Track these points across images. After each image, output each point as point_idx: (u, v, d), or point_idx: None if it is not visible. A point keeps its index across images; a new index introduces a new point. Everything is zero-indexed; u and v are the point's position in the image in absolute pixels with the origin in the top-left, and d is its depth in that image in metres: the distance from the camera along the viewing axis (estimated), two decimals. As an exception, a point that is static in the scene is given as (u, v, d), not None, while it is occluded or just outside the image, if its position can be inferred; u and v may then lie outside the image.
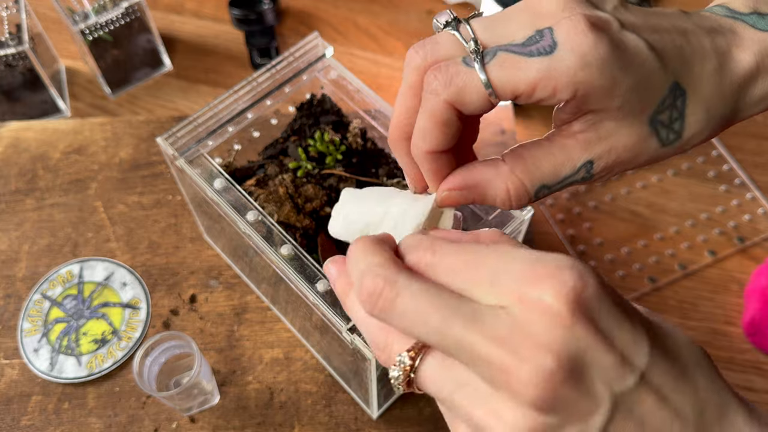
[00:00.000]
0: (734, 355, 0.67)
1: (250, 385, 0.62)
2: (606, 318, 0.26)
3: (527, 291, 0.26)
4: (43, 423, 0.61)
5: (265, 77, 0.58)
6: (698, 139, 0.35)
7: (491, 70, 0.31)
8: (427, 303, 0.27)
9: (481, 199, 0.34)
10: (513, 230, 0.50)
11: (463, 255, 0.28)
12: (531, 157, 0.34)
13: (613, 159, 0.33)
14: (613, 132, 0.33)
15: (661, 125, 0.33)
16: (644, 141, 0.33)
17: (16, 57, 0.75)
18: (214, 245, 0.69)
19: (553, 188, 0.34)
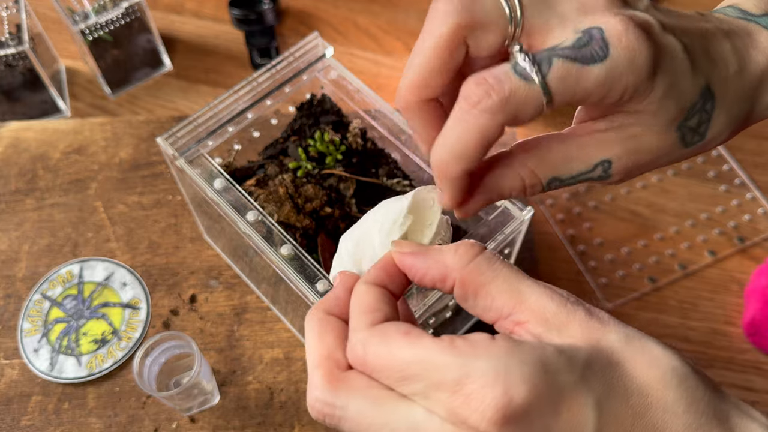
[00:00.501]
0: (734, 355, 0.67)
1: (250, 385, 0.62)
2: (539, 415, 0.26)
3: (456, 410, 0.27)
4: (43, 423, 0.61)
5: (265, 77, 0.58)
6: (718, 141, 0.35)
7: (552, 82, 0.29)
8: (369, 422, 0.28)
9: (498, 197, 0.34)
10: (513, 230, 0.50)
11: (392, 361, 0.28)
12: (545, 148, 0.33)
13: (633, 161, 0.33)
14: (639, 135, 0.32)
15: (688, 130, 0.33)
16: (669, 145, 0.33)
17: (16, 57, 0.75)
18: (214, 245, 0.69)
19: (566, 182, 0.34)
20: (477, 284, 0.30)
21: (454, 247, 0.31)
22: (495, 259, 0.31)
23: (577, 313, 0.29)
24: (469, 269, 0.30)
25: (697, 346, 0.68)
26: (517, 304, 0.30)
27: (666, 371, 0.28)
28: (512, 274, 0.30)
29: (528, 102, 0.29)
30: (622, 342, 0.29)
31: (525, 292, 0.30)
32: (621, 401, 0.27)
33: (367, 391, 0.29)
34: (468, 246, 0.31)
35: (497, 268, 0.30)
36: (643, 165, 0.33)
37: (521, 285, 0.30)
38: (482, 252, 0.31)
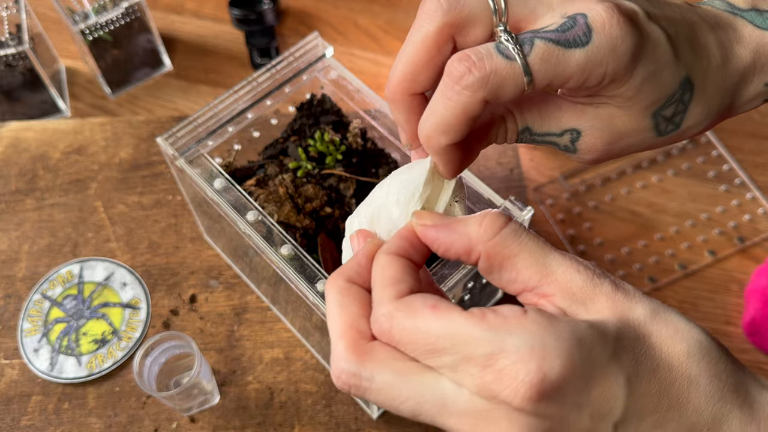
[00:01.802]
0: (734, 355, 0.67)
1: (250, 385, 0.62)
2: (572, 391, 0.26)
3: (487, 385, 0.26)
4: (43, 423, 0.61)
5: (265, 77, 0.58)
6: (693, 132, 0.35)
7: (533, 63, 0.30)
8: (396, 394, 0.28)
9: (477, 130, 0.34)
10: (513, 230, 0.49)
11: (420, 335, 0.28)
12: (529, 95, 0.34)
13: (602, 138, 0.33)
14: (613, 115, 0.33)
15: (663, 119, 0.33)
16: (642, 131, 0.33)
17: (16, 57, 0.75)
18: (214, 245, 0.69)
19: (536, 137, 0.34)
20: (502, 257, 0.30)
21: (479, 219, 0.30)
22: (521, 231, 0.30)
23: (603, 287, 0.29)
24: (494, 243, 0.30)
25: (697, 346, 0.68)
26: (543, 277, 0.29)
27: (690, 344, 0.29)
28: (538, 247, 0.30)
29: (509, 80, 0.30)
30: (648, 316, 0.29)
31: (551, 265, 0.29)
32: (649, 376, 0.28)
33: (393, 363, 0.28)
34: (493, 218, 0.30)
35: (523, 240, 0.30)
36: (612, 145, 0.34)
37: (547, 258, 0.30)
38: (508, 224, 0.30)
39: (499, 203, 0.51)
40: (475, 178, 0.52)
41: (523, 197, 0.73)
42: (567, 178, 0.77)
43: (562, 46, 0.30)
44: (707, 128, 0.36)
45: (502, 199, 0.51)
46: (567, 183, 0.76)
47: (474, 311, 0.28)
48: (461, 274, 0.48)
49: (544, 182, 0.77)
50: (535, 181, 0.77)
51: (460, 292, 0.55)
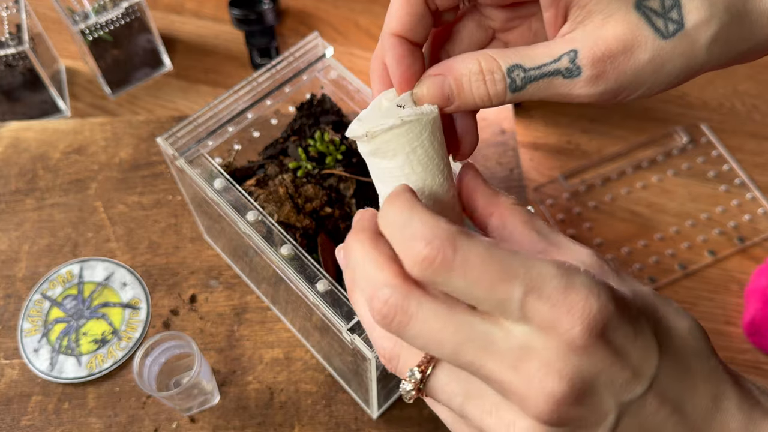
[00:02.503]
0: (734, 355, 0.67)
1: (250, 385, 0.62)
2: (622, 337, 0.26)
3: (558, 320, 0.25)
4: (43, 423, 0.61)
5: (265, 77, 0.58)
6: (707, 33, 0.31)
7: None
8: (440, 327, 0.26)
9: (457, 83, 0.32)
10: (513, 230, 0.49)
11: (489, 264, 0.25)
12: (509, 44, 0.34)
13: (601, 49, 0.31)
14: (601, 24, 0.31)
15: (653, 13, 0.31)
16: (635, 29, 0.31)
17: (16, 57, 0.75)
18: (214, 245, 0.69)
19: (531, 74, 0.31)
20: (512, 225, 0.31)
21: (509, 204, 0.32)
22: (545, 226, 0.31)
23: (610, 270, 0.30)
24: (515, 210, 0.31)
25: (697, 346, 0.68)
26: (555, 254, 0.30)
27: (691, 323, 0.30)
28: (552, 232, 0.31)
29: None
30: (651, 294, 0.30)
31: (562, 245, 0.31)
32: (668, 339, 0.29)
33: (444, 298, 0.27)
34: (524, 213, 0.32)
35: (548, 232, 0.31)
36: (616, 56, 0.31)
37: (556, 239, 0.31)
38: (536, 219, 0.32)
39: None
40: (475, 178, 0.52)
41: (523, 197, 0.73)
42: (567, 178, 0.77)
43: None
44: (724, 31, 0.32)
45: (502, 199, 0.51)
46: (567, 183, 0.77)
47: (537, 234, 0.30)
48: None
49: (544, 182, 0.77)
50: (535, 181, 0.77)
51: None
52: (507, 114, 0.78)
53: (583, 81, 0.31)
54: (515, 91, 0.32)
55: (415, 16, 0.33)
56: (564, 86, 0.31)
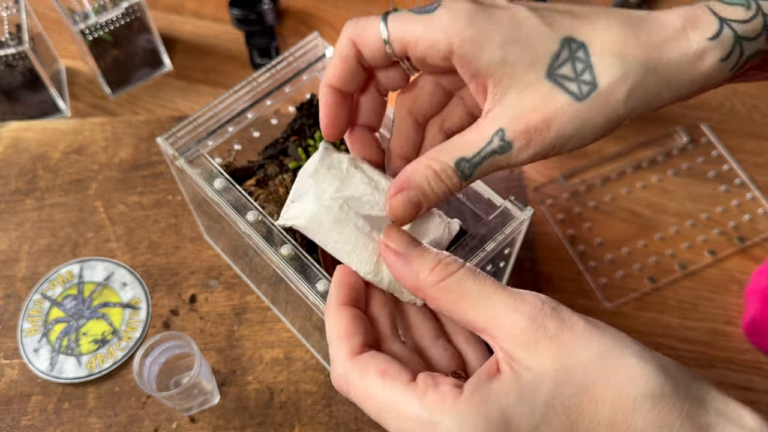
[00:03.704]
0: (734, 355, 0.67)
1: (250, 385, 0.62)
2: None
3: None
4: (43, 423, 0.61)
5: (265, 77, 0.58)
6: (623, 89, 0.32)
7: (389, 20, 0.35)
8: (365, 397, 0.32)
9: (420, 191, 0.35)
10: (513, 230, 0.50)
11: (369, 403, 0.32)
12: (447, 140, 0.36)
13: (523, 124, 0.33)
14: (517, 99, 0.33)
15: (565, 79, 0.32)
16: (550, 98, 0.32)
17: (16, 57, 0.75)
18: (214, 245, 0.69)
19: (474, 161, 0.34)
20: (445, 302, 0.32)
21: (431, 264, 0.33)
22: (466, 278, 0.32)
23: (547, 329, 0.30)
24: (437, 288, 0.32)
25: (697, 346, 0.68)
26: (488, 320, 0.31)
27: (638, 395, 0.28)
28: (482, 291, 0.31)
29: (369, 29, 0.36)
30: (593, 362, 0.29)
31: (496, 307, 0.31)
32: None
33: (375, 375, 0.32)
34: (443, 265, 0.33)
35: (467, 287, 0.32)
36: (537, 126, 0.33)
37: (492, 300, 0.31)
38: (457, 271, 0.32)
39: (499, 203, 0.51)
40: (475, 178, 0.52)
41: (523, 197, 0.73)
42: (567, 178, 0.77)
43: (417, 14, 0.34)
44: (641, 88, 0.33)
45: (502, 199, 0.51)
46: (567, 183, 0.76)
47: (420, 382, 0.31)
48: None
49: (544, 182, 0.77)
50: (535, 181, 0.77)
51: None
52: (507, 114, 0.78)
53: (515, 152, 0.34)
54: (467, 179, 0.35)
55: (348, 71, 0.37)
56: (503, 160, 0.34)
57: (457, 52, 0.33)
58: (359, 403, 0.32)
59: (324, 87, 0.39)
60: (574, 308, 0.75)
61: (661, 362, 0.29)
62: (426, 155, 0.35)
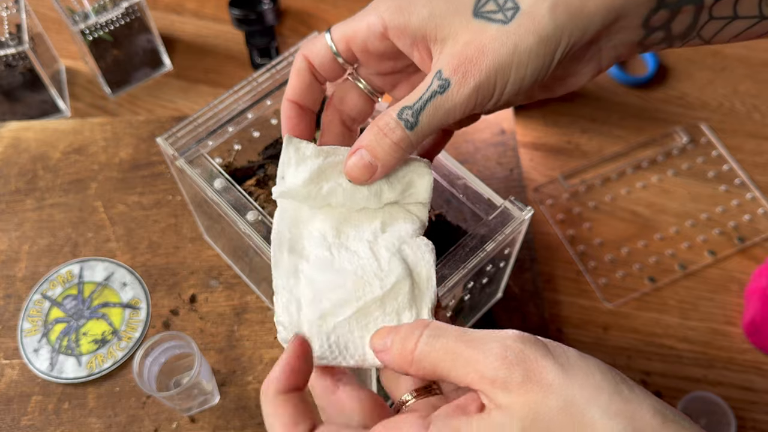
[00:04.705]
0: (734, 355, 0.67)
1: (250, 385, 0.62)
2: None
3: None
4: (43, 423, 0.61)
5: (265, 77, 0.58)
6: (544, 5, 0.33)
7: (333, 29, 0.39)
8: None
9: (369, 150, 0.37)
10: (513, 230, 0.50)
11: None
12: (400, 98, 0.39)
13: (457, 59, 0.34)
14: (450, 44, 0.35)
15: (491, 13, 0.34)
16: (480, 31, 0.34)
17: (16, 57, 0.75)
18: (214, 245, 0.69)
19: (416, 107, 0.35)
20: (429, 374, 0.32)
21: (400, 342, 0.32)
22: (430, 344, 0.32)
23: (514, 375, 0.29)
24: (414, 367, 0.32)
25: (697, 346, 0.68)
26: (464, 378, 0.31)
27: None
28: (449, 355, 0.31)
29: (318, 42, 0.40)
30: (561, 410, 0.28)
31: (466, 369, 0.30)
32: None
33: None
34: (408, 337, 0.32)
35: (433, 356, 0.31)
36: (472, 57, 0.34)
37: (461, 362, 0.31)
38: (419, 338, 0.32)
39: (499, 203, 0.51)
40: (475, 178, 0.52)
41: (523, 197, 0.73)
42: (567, 178, 0.77)
43: (354, 16, 0.38)
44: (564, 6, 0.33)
45: (502, 199, 0.51)
46: (567, 183, 0.77)
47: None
48: (460, 275, 0.48)
49: (544, 182, 0.77)
50: (535, 181, 0.77)
51: (460, 292, 0.55)
52: (507, 114, 0.78)
53: (455, 87, 0.34)
54: (412, 128, 0.36)
55: (305, 86, 0.41)
56: (445, 101, 0.35)
57: (389, 25, 0.36)
58: None
59: (284, 102, 0.41)
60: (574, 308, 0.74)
61: (631, 414, 0.28)
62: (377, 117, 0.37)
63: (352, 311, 0.35)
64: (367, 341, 0.35)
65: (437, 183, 0.53)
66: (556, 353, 0.30)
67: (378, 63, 0.40)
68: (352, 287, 0.35)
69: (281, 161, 0.40)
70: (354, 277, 0.36)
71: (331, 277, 0.36)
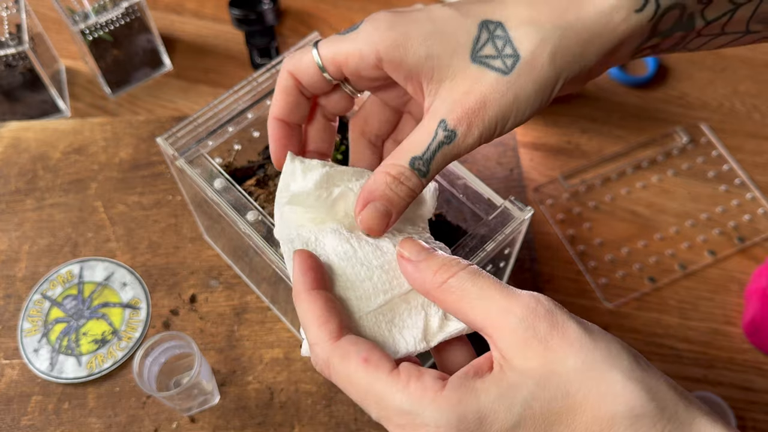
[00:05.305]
0: (734, 355, 0.67)
1: (250, 385, 0.62)
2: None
3: None
4: (43, 423, 0.61)
5: (265, 77, 0.58)
6: (545, 52, 0.33)
7: (320, 45, 0.38)
8: (347, 383, 0.32)
9: (385, 199, 0.36)
10: (513, 230, 0.50)
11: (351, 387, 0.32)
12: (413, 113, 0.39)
13: (460, 109, 0.34)
14: (450, 87, 0.35)
15: (490, 58, 0.34)
16: (479, 79, 0.34)
17: (16, 57, 0.75)
18: (214, 245, 0.69)
19: (426, 157, 0.36)
20: (448, 304, 0.33)
21: (435, 267, 0.34)
22: (466, 279, 0.32)
23: (537, 330, 0.30)
24: (441, 290, 0.33)
25: (697, 346, 0.68)
26: (485, 320, 0.31)
27: (617, 412, 0.28)
28: (481, 292, 0.32)
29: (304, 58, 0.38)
30: (578, 371, 0.29)
31: (492, 308, 0.31)
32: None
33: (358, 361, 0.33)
34: (446, 267, 0.33)
35: (466, 288, 0.32)
36: (474, 108, 0.34)
37: (489, 301, 0.31)
38: (458, 272, 0.33)
39: (499, 203, 0.51)
40: (475, 178, 0.52)
41: (523, 197, 0.73)
42: (567, 178, 0.77)
43: (342, 35, 0.37)
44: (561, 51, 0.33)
45: (502, 199, 0.51)
46: (567, 183, 0.77)
47: (403, 371, 0.31)
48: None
49: (544, 182, 0.77)
50: (535, 181, 0.77)
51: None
52: (507, 114, 0.78)
53: (461, 137, 0.35)
54: (425, 176, 0.36)
55: (291, 102, 0.40)
56: (453, 149, 0.35)
57: (384, 58, 0.35)
58: (341, 388, 0.33)
59: (270, 120, 0.41)
60: (574, 308, 0.75)
61: (649, 383, 0.29)
62: (381, 165, 0.37)
63: (378, 304, 0.36)
64: (395, 334, 0.36)
65: (437, 183, 0.53)
66: (581, 320, 0.31)
67: (369, 83, 0.40)
68: (378, 280, 0.36)
69: (284, 172, 0.40)
70: (380, 271, 0.36)
71: (357, 269, 0.37)
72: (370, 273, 0.36)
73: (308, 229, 0.38)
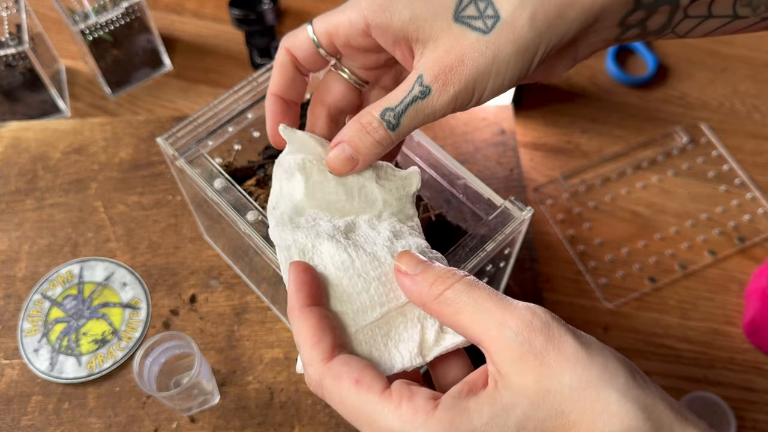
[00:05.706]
0: (734, 355, 0.67)
1: (250, 385, 0.62)
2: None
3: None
4: (43, 423, 0.61)
5: (265, 77, 0.58)
6: (524, 14, 0.34)
7: (314, 21, 0.40)
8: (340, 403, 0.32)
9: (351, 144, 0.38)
10: (513, 230, 0.49)
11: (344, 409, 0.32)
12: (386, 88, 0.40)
13: (438, 66, 0.35)
14: (433, 47, 0.35)
15: (471, 19, 0.34)
16: (460, 38, 0.35)
17: (16, 57, 0.75)
18: (214, 245, 0.69)
19: (398, 110, 0.36)
20: (446, 317, 0.33)
21: (431, 279, 0.33)
22: (462, 291, 0.32)
23: (533, 344, 0.30)
24: (437, 303, 0.33)
25: (697, 346, 0.68)
26: (482, 333, 0.31)
27: (614, 429, 0.28)
28: (477, 304, 0.31)
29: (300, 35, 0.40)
30: (574, 389, 0.29)
31: (488, 321, 0.31)
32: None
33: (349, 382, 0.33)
34: (441, 280, 0.33)
35: (462, 301, 0.32)
36: (452, 65, 0.35)
37: (485, 314, 0.31)
38: (454, 284, 0.33)
39: (499, 203, 0.51)
40: (475, 178, 0.52)
41: (523, 197, 0.73)
42: (567, 178, 0.77)
43: (336, 10, 0.39)
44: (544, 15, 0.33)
45: (502, 199, 0.51)
46: (567, 183, 0.77)
47: (395, 392, 0.31)
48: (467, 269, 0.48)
49: (544, 182, 0.77)
50: (535, 181, 0.77)
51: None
52: (507, 114, 0.78)
53: (436, 94, 0.36)
54: (394, 129, 0.37)
55: (288, 78, 0.42)
56: (425, 106, 0.36)
57: (372, 24, 0.36)
58: (334, 408, 0.33)
59: (268, 96, 0.42)
60: (574, 308, 0.75)
61: (645, 401, 0.28)
62: (358, 113, 0.38)
63: (375, 318, 0.35)
64: (391, 348, 0.35)
65: (437, 183, 0.53)
66: (578, 334, 0.30)
67: (361, 56, 0.41)
68: (375, 293, 0.36)
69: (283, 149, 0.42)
70: (377, 283, 0.36)
71: (355, 281, 0.36)
72: (367, 285, 0.36)
73: (305, 235, 0.38)
